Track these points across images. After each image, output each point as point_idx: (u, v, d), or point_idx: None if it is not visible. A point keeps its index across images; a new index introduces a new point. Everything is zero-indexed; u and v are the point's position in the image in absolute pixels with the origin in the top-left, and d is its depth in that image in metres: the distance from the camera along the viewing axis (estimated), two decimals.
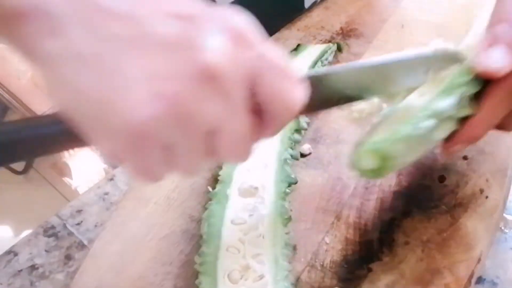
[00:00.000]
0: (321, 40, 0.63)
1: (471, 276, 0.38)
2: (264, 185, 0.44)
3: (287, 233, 0.41)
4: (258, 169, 0.45)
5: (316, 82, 0.32)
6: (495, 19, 0.38)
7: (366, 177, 0.37)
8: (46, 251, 0.46)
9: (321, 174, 0.47)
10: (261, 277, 0.37)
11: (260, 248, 0.39)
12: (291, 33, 0.65)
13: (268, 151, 0.46)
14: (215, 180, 0.45)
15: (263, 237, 0.40)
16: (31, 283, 0.43)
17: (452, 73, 0.38)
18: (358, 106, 0.44)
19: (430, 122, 0.36)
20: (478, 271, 0.40)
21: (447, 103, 0.36)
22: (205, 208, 0.43)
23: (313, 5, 0.70)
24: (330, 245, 0.41)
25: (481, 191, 0.43)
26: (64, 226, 0.48)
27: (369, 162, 0.35)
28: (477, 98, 0.37)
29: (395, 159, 0.35)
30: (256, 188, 0.43)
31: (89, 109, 0.26)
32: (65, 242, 0.47)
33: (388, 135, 0.36)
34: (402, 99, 0.40)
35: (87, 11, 0.25)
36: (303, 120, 0.50)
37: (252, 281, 0.37)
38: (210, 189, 0.45)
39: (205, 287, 0.37)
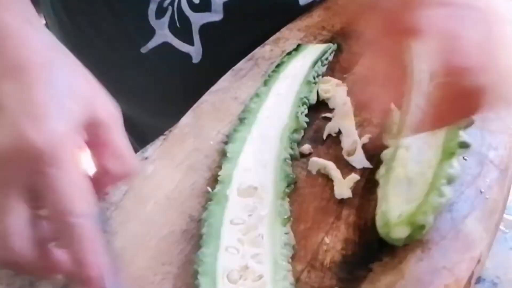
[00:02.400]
0: (321, 40, 0.63)
1: (471, 276, 0.38)
2: (263, 185, 0.44)
3: (286, 233, 0.41)
4: (258, 169, 0.45)
5: None
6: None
7: (395, 243, 0.40)
8: None
9: (321, 174, 0.47)
10: (260, 277, 0.37)
11: (259, 248, 0.39)
12: (292, 33, 0.64)
13: (268, 151, 0.46)
14: (214, 180, 0.45)
15: (262, 237, 0.40)
16: (31, 283, 0.43)
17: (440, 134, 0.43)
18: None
19: (450, 189, 0.41)
20: (478, 271, 0.40)
21: (457, 168, 0.41)
22: (204, 208, 0.43)
23: (311, 4, 0.69)
24: (330, 245, 0.41)
25: (481, 191, 0.43)
26: None
27: (402, 232, 0.39)
28: None
29: (428, 226, 0.40)
30: (255, 188, 0.43)
31: None
32: None
33: (417, 205, 0.39)
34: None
35: None
36: (303, 120, 0.50)
37: (251, 281, 0.37)
38: (209, 189, 0.45)
39: (205, 287, 0.37)
